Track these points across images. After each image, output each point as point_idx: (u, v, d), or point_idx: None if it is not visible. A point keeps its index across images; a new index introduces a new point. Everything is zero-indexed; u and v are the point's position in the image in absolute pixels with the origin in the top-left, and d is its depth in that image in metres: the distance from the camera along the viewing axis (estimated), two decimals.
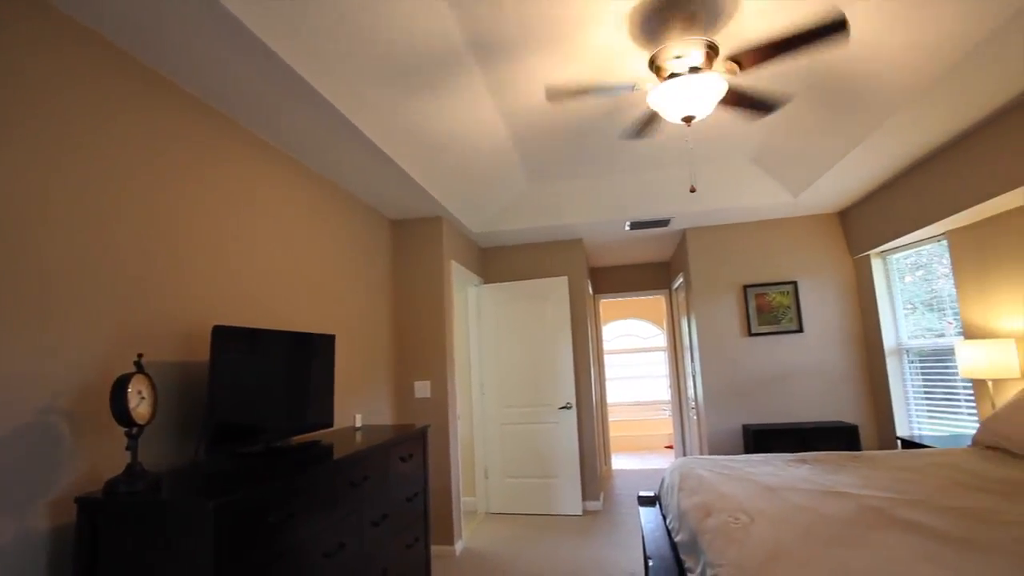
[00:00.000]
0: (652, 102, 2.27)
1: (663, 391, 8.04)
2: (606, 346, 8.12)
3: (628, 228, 4.71)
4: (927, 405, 4.00)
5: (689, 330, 5.22)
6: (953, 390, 3.74)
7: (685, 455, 6.05)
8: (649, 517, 2.69)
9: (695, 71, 2.19)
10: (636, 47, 2.36)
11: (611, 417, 7.83)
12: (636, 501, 3.00)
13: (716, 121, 3.21)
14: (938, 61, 2.33)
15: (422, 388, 3.91)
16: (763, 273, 4.70)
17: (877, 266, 4.36)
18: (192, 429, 1.94)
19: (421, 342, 3.95)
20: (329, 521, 1.90)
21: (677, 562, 2.05)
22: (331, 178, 3.13)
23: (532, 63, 2.48)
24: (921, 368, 4.05)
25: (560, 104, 2.67)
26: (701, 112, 2.25)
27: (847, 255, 4.61)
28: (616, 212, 4.37)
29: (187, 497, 1.47)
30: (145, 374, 1.57)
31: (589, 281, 5.95)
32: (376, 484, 2.32)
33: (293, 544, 1.68)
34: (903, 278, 4.26)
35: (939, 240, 3.77)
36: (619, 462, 6.95)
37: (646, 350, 8.82)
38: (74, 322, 1.59)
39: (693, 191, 2.57)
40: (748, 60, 2.17)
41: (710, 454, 4.39)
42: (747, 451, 4.35)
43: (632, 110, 3.00)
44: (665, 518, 2.58)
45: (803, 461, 2.74)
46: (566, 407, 4.71)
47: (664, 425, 7.93)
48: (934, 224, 3.47)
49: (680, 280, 5.53)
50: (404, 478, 2.66)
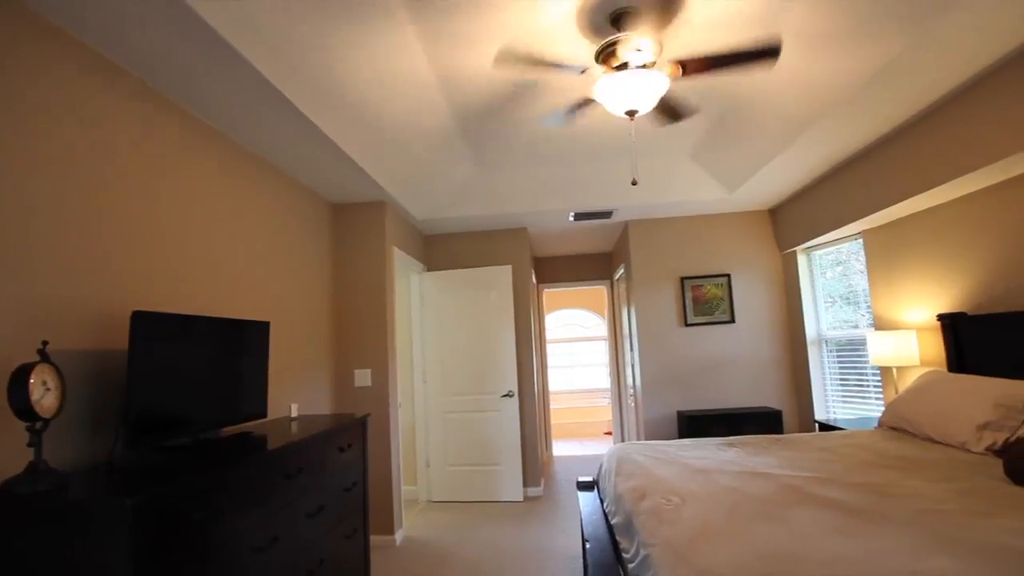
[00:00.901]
0: (597, 93, 2.30)
1: (603, 379, 8.27)
2: (549, 335, 8.24)
3: (572, 219, 4.77)
4: (842, 391, 4.32)
5: (629, 320, 5.38)
6: (864, 377, 4.05)
7: (623, 441, 6.26)
8: (587, 501, 2.76)
9: (642, 67, 2.23)
10: (583, 36, 2.37)
11: (553, 405, 7.98)
12: (576, 486, 3.07)
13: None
14: (850, 82, 2.58)
15: (362, 376, 3.82)
16: (699, 266, 4.90)
17: (802, 261, 4.64)
18: (110, 423, 1.81)
19: (362, 330, 3.86)
20: (262, 515, 1.83)
21: (613, 544, 2.12)
22: (266, 157, 2.98)
23: (478, 50, 2.44)
24: (838, 357, 4.36)
25: (506, 69, 2.57)
26: (644, 107, 2.30)
27: (776, 250, 4.88)
28: (561, 202, 4.41)
29: (100, 496, 1.36)
30: (51, 363, 1.44)
31: (533, 270, 6.01)
32: (312, 475, 2.26)
33: (221, 541, 1.61)
34: (824, 273, 4.56)
35: (856, 239, 4.05)
36: (560, 449, 7.10)
37: (588, 339, 9.03)
38: None
39: (635, 184, 2.63)
40: (692, 67, 2.27)
41: (647, 439, 4.57)
42: (681, 436, 4.55)
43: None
44: (603, 502, 2.66)
45: (731, 445, 2.89)
46: (508, 395, 4.75)
47: (604, 412, 8.16)
48: (852, 224, 3.73)
49: (621, 271, 5.68)
50: (342, 468, 2.60)
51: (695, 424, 4.39)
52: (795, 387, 4.71)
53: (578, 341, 9.07)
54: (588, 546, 2.19)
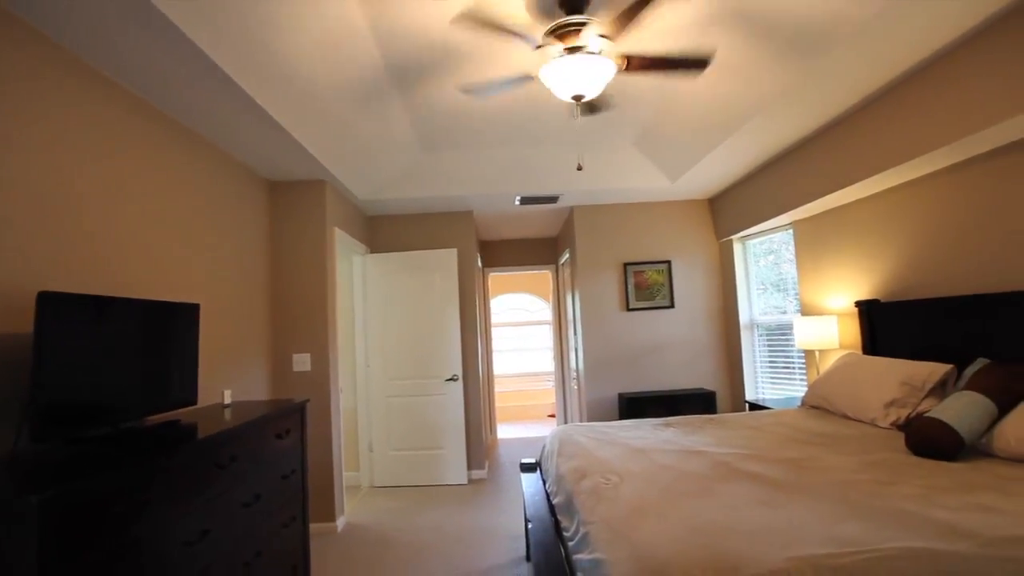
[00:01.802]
0: (544, 76, 2.29)
1: (548, 363, 8.40)
2: (494, 319, 8.26)
3: (518, 203, 4.77)
4: (770, 372, 4.59)
5: (573, 304, 5.47)
6: (790, 359, 4.31)
7: (567, 423, 6.40)
8: (530, 482, 2.81)
9: (575, 51, 2.23)
10: (533, 18, 2.35)
11: (498, 388, 8.03)
12: (519, 468, 3.12)
13: (606, 105, 3.31)
14: (778, 80, 2.71)
15: (301, 361, 3.70)
16: (642, 252, 5.03)
17: (738, 250, 4.86)
18: (16, 414, 1.66)
19: (301, 313, 3.72)
20: (191, 507, 1.74)
21: (555, 523, 2.17)
22: (197, 130, 2.78)
23: (422, 11, 2.37)
24: (767, 340, 4.62)
25: (464, 28, 2.51)
26: (591, 93, 2.31)
27: (714, 239, 5.08)
28: (507, 186, 4.40)
29: (2, 494, 1.25)
30: None
31: (479, 254, 5.98)
32: (247, 463, 2.17)
33: (147, 537, 1.52)
34: (758, 262, 4.79)
35: (787, 229, 4.28)
36: (504, 431, 7.18)
37: (533, 323, 9.13)
38: None
39: (580, 169, 2.66)
40: (635, 63, 2.33)
41: (589, 421, 4.69)
42: (622, 417, 4.70)
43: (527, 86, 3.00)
44: (545, 483, 2.71)
45: (668, 425, 3.02)
46: (453, 379, 4.74)
47: (548, 395, 8.30)
48: (783, 215, 3.93)
49: (566, 256, 5.75)
50: (280, 455, 2.51)
51: (635, 405, 4.55)
52: (728, 369, 4.95)
53: (523, 325, 9.15)
54: (530, 526, 2.23)
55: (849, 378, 2.99)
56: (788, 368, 4.35)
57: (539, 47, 2.30)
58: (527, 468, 3.08)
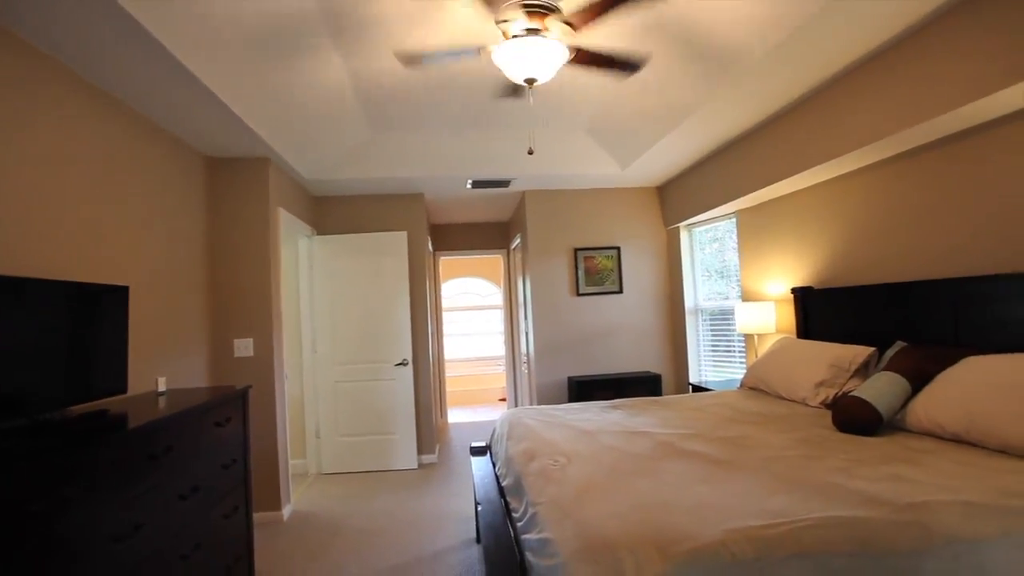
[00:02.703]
0: (497, 60, 2.26)
1: (499, 347, 8.44)
2: (445, 303, 8.21)
3: (470, 186, 4.72)
4: (713, 356, 4.78)
5: (524, 289, 5.50)
6: (731, 343, 4.51)
7: (517, 407, 6.47)
8: (480, 465, 2.83)
9: (533, 32, 2.21)
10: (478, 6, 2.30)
11: (448, 373, 8.02)
12: (469, 452, 3.13)
13: (558, 88, 3.31)
14: (724, 72, 2.79)
15: (244, 346, 3.56)
16: (592, 238, 5.10)
17: (684, 237, 5.01)
18: None
19: (243, 296, 3.57)
20: (121, 501, 1.65)
21: (504, 504, 2.19)
22: (126, 100, 2.58)
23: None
24: (711, 325, 4.81)
25: (410, 64, 2.48)
26: (543, 76, 2.30)
27: (662, 226, 5.21)
28: (459, 168, 4.34)
29: None
30: None
31: (430, 238, 5.90)
32: (184, 454, 2.07)
33: (70, 534, 1.43)
34: (704, 249, 4.96)
35: (731, 218, 4.44)
36: (455, 416, 7.19)
37: (484, 308, 9.13)
38: None
39: (531, 153, 2.66)
40: (581, 56, 2.34)
41: (539, 405, 4.75)
42: (571, 400, 4.79)
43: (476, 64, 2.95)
44: (495, 465, 2.73)
45: (615, 407, 3.10)
46: (403, 364, 4.69)
47: (499, 379, 8.35)
48: (728, 204, 4.07)
49: (518, 240, 5.76)
50: (220, 444, 2.41)
51: (584, 389, 4.64)
52: (673, 353, 5.13)
53: (475, 310, 9.14)
54: (480, 508, 2.25)
55: (784, 361, 3.15)
56: (729, 351, 4.55)
57: (502, 21, 2.26)
58: (477, 452, 3.09)
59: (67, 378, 1.92)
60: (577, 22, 2.19)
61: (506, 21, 2.22)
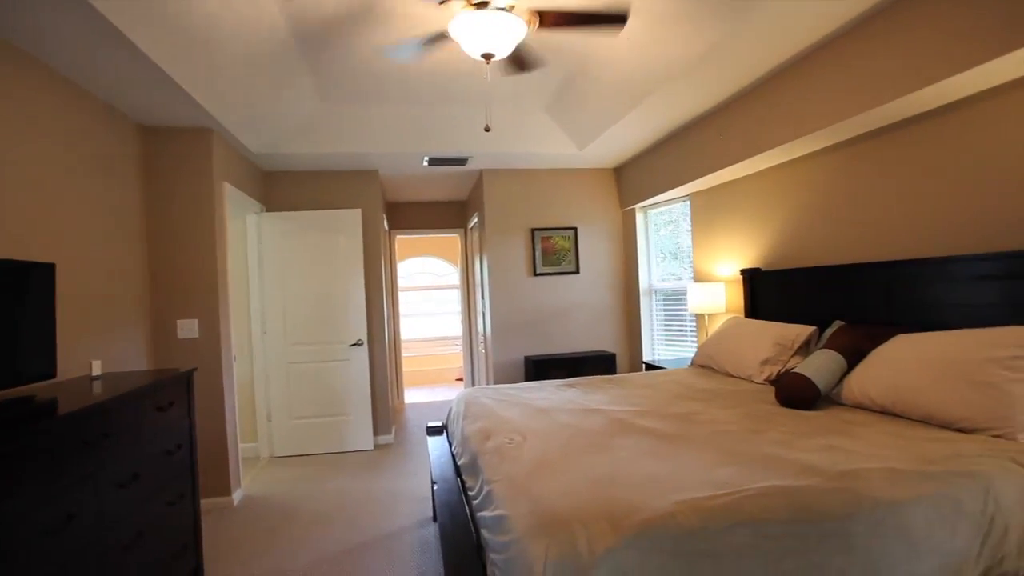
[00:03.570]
0: (454, 29, 2.20)
1: (456, 327, 8.42)
2: (402, 283, 8.11)
3: (427, 163, 4.63)
4: (665, 335, 4.92)
5: (481, 269, 5.48)
6: (684, 323, 4.65)
7: (474, 386, 6.49)
8: (436, 445, 2.82)
9: (500, 9, 2.17)
10: None
11: (405, 353, 7.94)
12: (425, 432, 3.12)
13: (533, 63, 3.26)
14: (683, 59, 2.82)
15: (188, 327, 3.40)
16: (550, 218, 5.11)
17: (640, 219, 5.08)
18: None
19: (186, 275, 3.40)
20: (52, 491, 1.56)
21: (461, 483, 2.20)
22: (50, 63, 2.37)
23: None
24: (664, 305, 4.93)
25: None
26: (501, 52, 2.25)
27: (618, 207, 5.27)
28: (415, 145, 4.24)
29: None
30: None
31: (385, 216, 5.78)
32: (123, 440, 1.97)
33: None
34: (659, 231, 5.05)
35: (685, 201, 4.53)
36: (412, 396, 7.15)
37: (441, 287, 9.06)
38: None
39: (488, 130, 2.62)
40: (548, 19, 2.29)
41: (496, 384, 4.78)
42: (528, 379, 4.84)
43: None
44: (451, 444, 2.74)
45: (570, 385, 3.15)
46: (358, 344, 4.61)
47: (456, 359, 8.35)
48: (682, 187, 4.15)
49: (475, 220, 5.71)
50: (163, 429, 2.31)
51: (540, 368, 4.70)
52: (628, 332, 5.24)
53: (431, 289, 9.06)
54: (436, 487, 2.25)
55: (732, 339, 3.27)
56: (681, 331, 4.69)
57: (442, 2, 2.19)
58: (433, 431, 3.09)
59: None
60: (546, 19, 2.16)
61: (445, 2, 2.16)
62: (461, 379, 7.88)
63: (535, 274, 5.05)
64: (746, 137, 3.31)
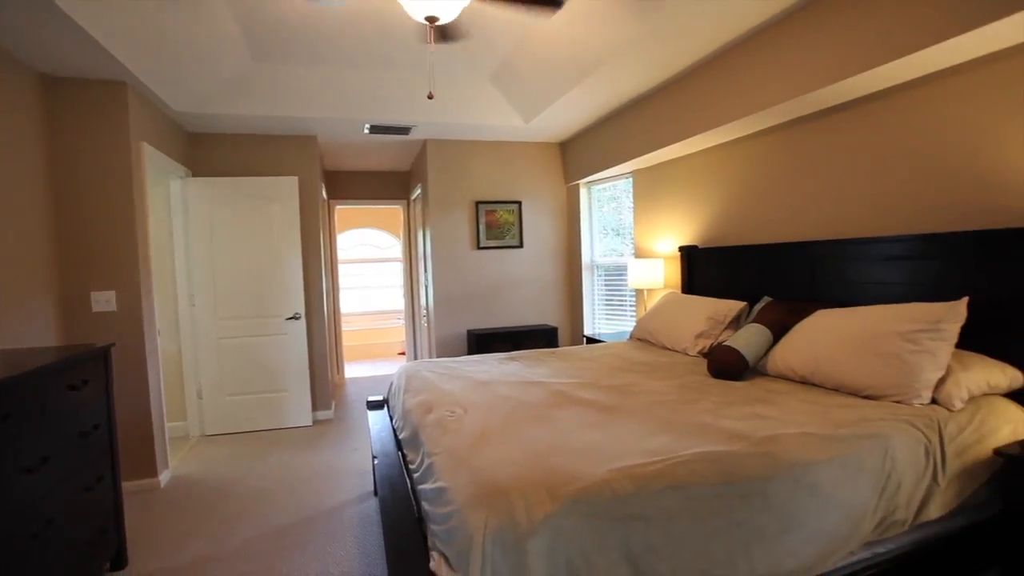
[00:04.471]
0: None
1: (398, 300, 8.29)
2: (342, 255, 7.87)
3: (368, 131, 4.45)
4: (606, 309, 5.04)
5: (424, 241, 5.39)
6: (624, 297, 4.77)
7: (416, 360, 6.43)
8: (377, 419, 2.79)
9: None
10: None
11: (346, 327, 7.78)
12: (366, 406, 3.08)
13: (463, 31, 3.16)
14: (623, 40, 2.83)
15: (104, 300, 3.15)
16: (494, 191, 5.07)
17: (584, 194, 5.13)
18: None
19: (100, 243, 3.13)
20: None
21: (402, 457, 2.19)
22: None
23: None
24: (606, 280, 5.04)
25: None
26: (446, 15, 2.17)
27: (563, 182, 5.29)
28: (356, 111, 4.06)
29: None
30: None
31: (324, 185, 5.55)
32: (27, 422, 1.82)
33: None
34: (602, 207, 5.12)
35: (628, 178, 4.61)
36: (353, 370, 7.02)
37: (383, 260, 8.86)
38: None
39: (431, 97, 2.56)
40: None
41: (438, 358, 4.76)
42: (471, 353, 4.84)
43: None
44: (392, 419, 2.71)
45: (512, 359, 3.17)
46: (295, 317, 4.44)
47: (398, 333, 8.24)
48: (625, 164, 4.21)
49: (418, 191, 5.59)
50: (76, 409, 2.15)
51: (483, 341, 4.71)
52: (570, 306, 5.33)
53: (373, 262, 8.84)
54: (377, 461, 2.23)
55: (669, 314, 3.40)
56: (621, 305, 4.82)
57: None
58: (374, 405, 3.05)
59: None
60: None
61: None
62: (404, 353, 7.80)
63: (479, 247, 5.02)
64: (687, 117, 3.38)
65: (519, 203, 5.12)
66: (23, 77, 2.80)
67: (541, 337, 4.87)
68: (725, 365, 2.46)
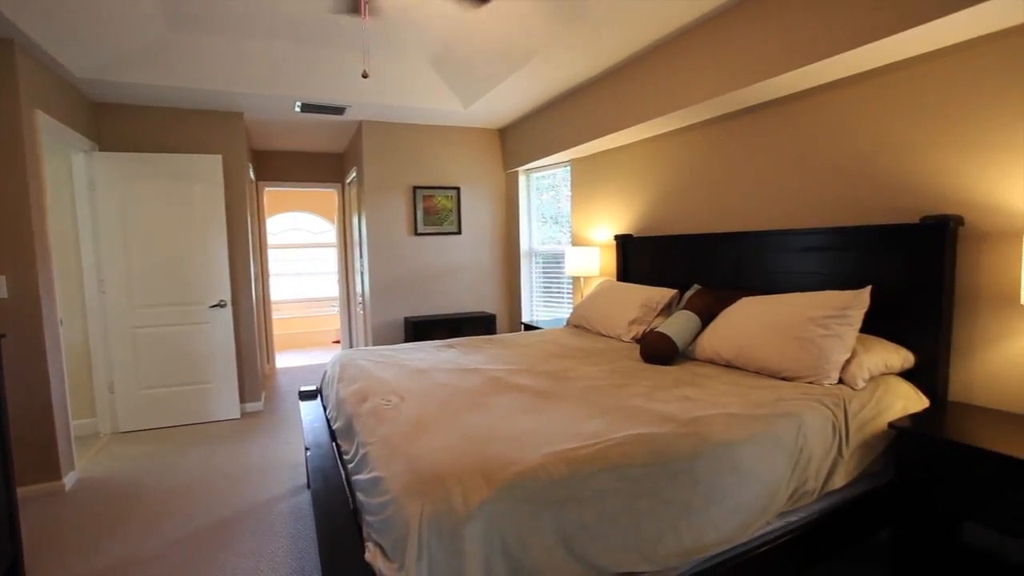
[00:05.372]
0: None
1: (332, 287, 8.02)
2: (272, 240, 7.52)
3: (299, 109, 4.24)
4: (544, 296, 5.10)
5: (360, 226, 5.23)
6: (561, 285, 4.85)
7: (352, 348, 6.27)
8: (309, 410, 2.70)
9: None
10: None
11: (277, 315, 7.46)
12: (298, 397, 2.97)
13: (402, 10, 3.06)
14: (556, 31, 2.82)
15: None
16: (432, 176, 4.99)
17: (523, 182, 5.14)
18: None
19: None
20: None
21: (336, 448, 2.13)
22: None
23: None
24: (543, 268, 5.09)
25: None
26: None
27: (502, 169, 5.28)
28: (286, 88, 3.85)
29: None
30: None
31: (251, 165, 5.25)
32: None
33: None
34: (541, 195, 5.16)
35: (566, 166, 4.66)
36: (285, 360, 6.75)
37: (316, 246, 8.53)
38: None
39: (365, 76, 2.46)
40: None
41: (374, 346, 4.66)
42: (408, 341, 4.77)
43: None
44: (326, 409, 2.63)
45: (450, 346, 3.15)
46: (220, 305, 4.20)
47: (333, 321, 8.00)
48: (564, 152, 4.25)
49: (353, 175, 5.40)
50: None
51: (421, 329, 4.65)
52: (508, 293, 5.36)
53: (306, 248, 8.50)
54: (309, 453, 2.15)
55: (604, 301, 3.48)
56: (559, 292, 4.90)
57: None
58: (306, 396, 2.94)
59: None
60: None
61: None
62: (339, 341, 7.58)
63: (416, 234, 4.93)
64: (624, 108, 3.45)
65: (458, 189, 5.06)
66: None
67: (479, 324, 4.87)
68: (656, 350, 2.56)
